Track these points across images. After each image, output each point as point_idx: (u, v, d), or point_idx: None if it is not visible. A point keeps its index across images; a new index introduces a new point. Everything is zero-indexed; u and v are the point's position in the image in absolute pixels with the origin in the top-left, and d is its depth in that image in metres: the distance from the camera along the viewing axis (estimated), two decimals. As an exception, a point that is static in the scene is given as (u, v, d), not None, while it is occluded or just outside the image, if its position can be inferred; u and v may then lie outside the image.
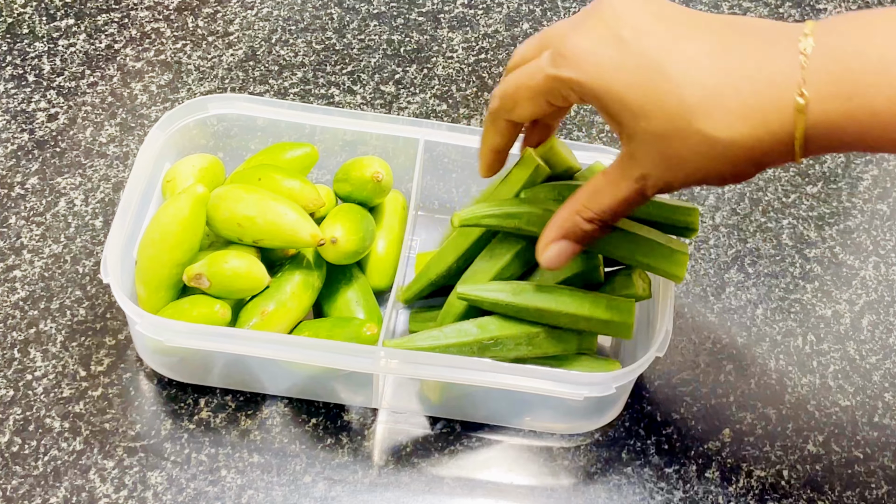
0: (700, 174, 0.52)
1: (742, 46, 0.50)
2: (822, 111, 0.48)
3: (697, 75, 0.50)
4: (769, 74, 0.49)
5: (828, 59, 0.48)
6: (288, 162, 0.73)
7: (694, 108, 0.49)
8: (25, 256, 0.75)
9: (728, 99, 0.49)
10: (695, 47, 0.50)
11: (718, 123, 0.49)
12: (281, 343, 0.63)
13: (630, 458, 0.69)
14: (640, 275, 0.68)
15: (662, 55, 0.50)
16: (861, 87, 0.47)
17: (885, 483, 0.69)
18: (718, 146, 0.49)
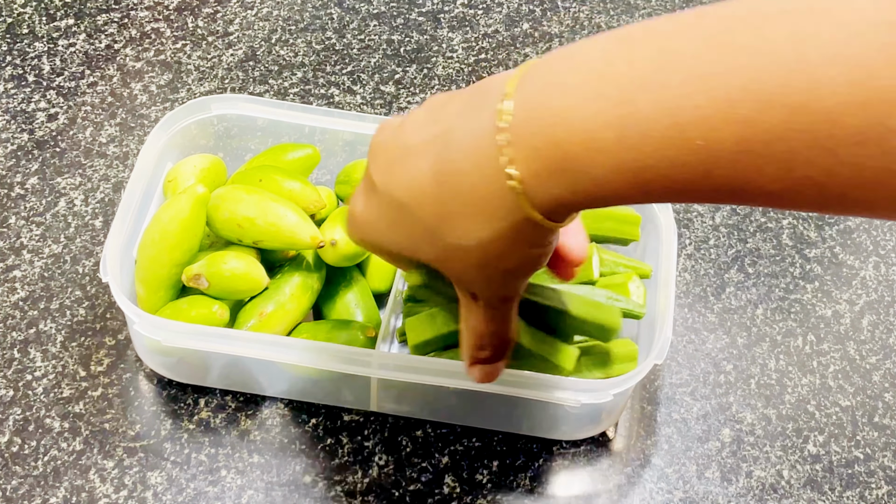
0: (496, 278, 0.49)
1: (449, 141, 0.46)
2: (543, 190, 0.43)
3: (425, 194, 0.47)
4: (478, 162, 0.44)
5: (530, 133, 0.42)
6: (289, 163, 0.73)
7: (435, 228, 0.47)
8: (25, 256, 0.75)
9: (454, 208, 0.45)
10: (414, 161, 0.47)
11: (459, 232, 0.46)
12: (278, 345, 0.63)
13: (630, 458, 0.69)
14: (634, 283, 0.68)
15: (396, 187, 0.48)
16: (571, 159, 0.42)
17: (885, 483, 0.69)
18: (476, 250, 0.47)
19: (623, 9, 0.96)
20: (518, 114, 0.43)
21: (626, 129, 0.40)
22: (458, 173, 0.45)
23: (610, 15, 0.96)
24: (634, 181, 0.41)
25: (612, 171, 0.41)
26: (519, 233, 0.45)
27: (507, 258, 0.47)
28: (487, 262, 0.47)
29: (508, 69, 0.90)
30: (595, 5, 0.96)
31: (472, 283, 0.50)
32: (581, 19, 0.95)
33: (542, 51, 0.92)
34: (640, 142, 0.40)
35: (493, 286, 0.50)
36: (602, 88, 0.41)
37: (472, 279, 0.50)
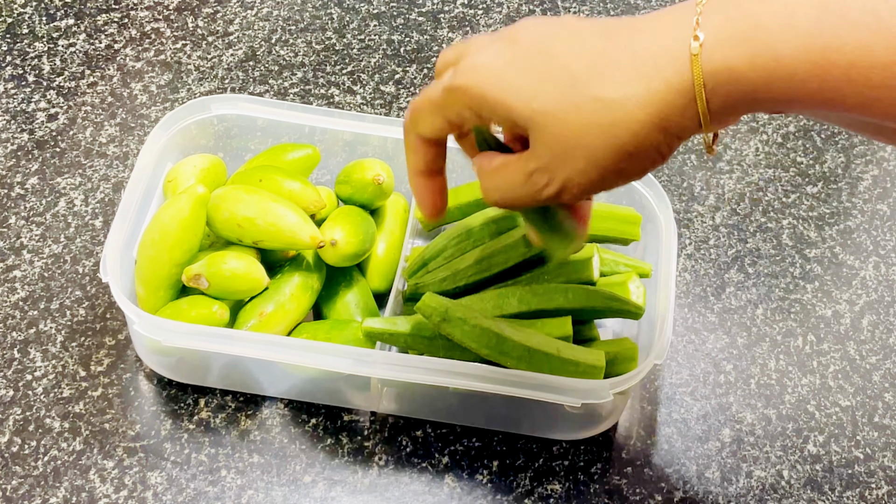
0: (601, 155, 0.47)
1: (636, 19, 0.47)
2: (721, 56, 0.44)
3: (587, 46, 0.47)
4: (663, 30, 0.45)
5: (726, 3, 0.44)
6: (289, 163, 0.73)
7: (583, 76, 0.46)
8: (25, 256, 0.75)
9: (619, 58, 0.46)
10: (589, 26, 0.48)
11: (608, 83, 0.45)
12: (278, 345, 0.63)
13: (630, 458, 0.69)
14: (634, 283, 0.68)
15: (552, 41, 0.48)
16: (762, 30, 0.43)
17: (885, 483, 0.69)
18: (613, 109, 0.45)
19: (623, 9, 0.96)
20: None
21: (826, 10, 0.42)
22: (635, 31, 0.46)
23: (610, 15, 0.96)
24: (816, 62, 0.42)
25: (799, 49, 0.42)
26: (669, 102, 0.45)
27: (633, 130, 0.46)
28: (611, 126, 0.46)
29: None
30: (595, 5, 0.96)
31: (576, 145, 0.47)
32: (581, 19, 0.95)
33: (542, 51, 0.92)
34: (836, 22, 0.42)
35: (587, 169, 0.47)
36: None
37: (581, 140, 0.47)
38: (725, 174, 0.85)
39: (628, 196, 0.73)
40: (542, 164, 0.48)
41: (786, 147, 0.87)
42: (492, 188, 0.52)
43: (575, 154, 0.47)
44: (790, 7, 0.43)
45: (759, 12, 0.43)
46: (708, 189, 0.84)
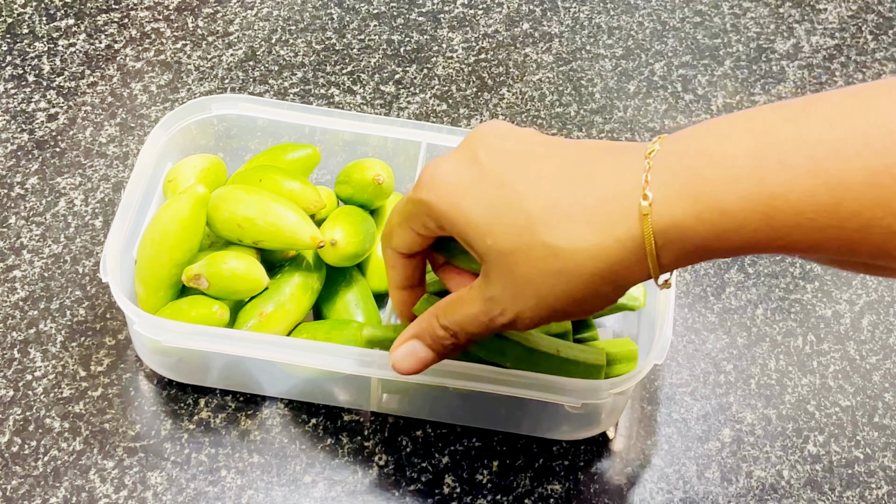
0: (551, 298, 0.49)
1: (591, 163, 0.48)
2: (669, 214, 0.44)
3: (543, 189, 0.48)
4: (614, 183, 0.46)
5: (672, 159, 0.45)
6: (289, 163, 0.73)
7: (536, 220, 0.47)
8: (25, 256, 0.75)
9: (571, 208, 0.47)
10: (547, 165, 0.49)
11: (561, 233, 0.47)
12: (278, 345, 0.63)
13: (630, 458, 0.69)
14: None
15: (511, 173, 0.49)
16: (706, 184, 0.44)
17: (885, 483, 0.69)
18: (563, 258, 0.47)
19: (623, 9, 0.96)
20: (663, 148, 0.46)
21: (764, 159, 0.42)
22: (590, 179, 0.47)
23: (610, 15, 0.96)
24: (762, 211, 0.42)
25: (742, 198, 0.43)
26: (619, 258, 0.46)
27: (582, 279, 0.47)
28: (561, 273, 0.47)
29: (508, 69, 0.90)
30: (595, 5, 0.96)
31: (526, 287, 0.49)
32: (581, 19, 0.95)
33: (541, 51, 0.92)
34: (776, 170, 0.42)
35: (538, 306, 0.49)
36: (745, 125, 0.44)
37: (531, 283, 0.48)
38: (725, 174, 0.85)
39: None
40: (496, 295, 0.50)
41: (786, 147, 0.87)
42: (452, 323, 0.53)
43: (525, 293, 0.49)
44: (730, 159, 0.43)
45: (700, 166, 0.44)
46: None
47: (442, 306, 0.54)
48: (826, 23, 0.97)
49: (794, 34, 0.95)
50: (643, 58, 0.92)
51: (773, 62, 0.93)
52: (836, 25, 0.96)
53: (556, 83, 0.90)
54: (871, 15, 0.98)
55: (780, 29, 0.96)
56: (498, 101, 0.88)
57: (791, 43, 0.95)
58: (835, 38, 0.95)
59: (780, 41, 0.95)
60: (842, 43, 0.95)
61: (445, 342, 0.54)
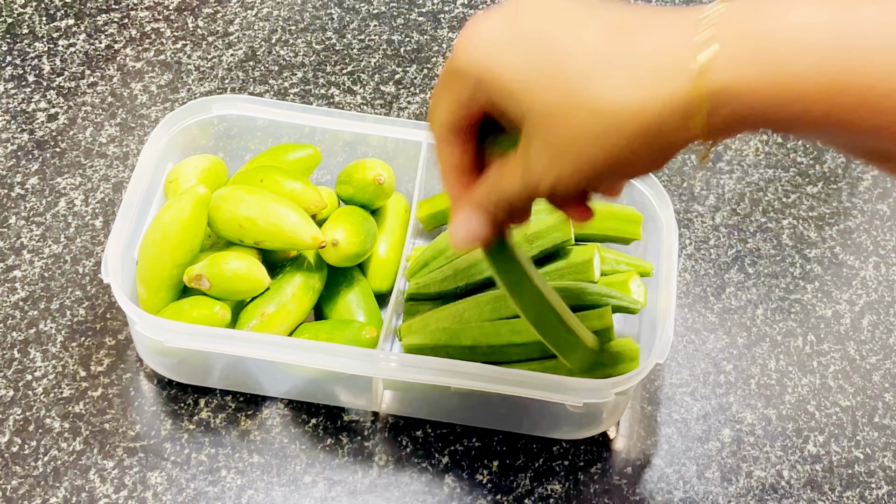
0: (591, 159, 0.45)
1: (642, 18, 0.45)
2: (728, 75, 0.41)
3: (587, 43, 0.44)
4: (666, 36, 0.43)
5: (737, 17, 0.42)
6: (290, 163, 0.73)
7: (580, 74, 0.44)
8: (25, 256, 0.75)
9: (616, 63, 0.43)
10: (594, 21, 0.45)
11: (605, 88, 0.44)
12: (280, 345, 0.63)
13: (630, 458, 0.69)
14: (635, 282, 0.68)
15: (555, 29, 0.46)
16: (773, 49, 0.41)
17: (885, 483, 0.69)
18: (606, 115, 0.44)
19: (623, 9, 0.96)
20: (728, 7, 0.42)
21: (843, 30, 0.40)
22: (639, 32, 0.44)
23: None
24: (831, 86, 0.40)
25: (812, 70, 0.40)
26: (666, 119, 0.43)
27: (626, 137, 0.44)
28: (603, 132, 0.44)
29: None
30: (595, 5, 0.96)
31: (566, 149, 0.46)
32: (581, 19, 0.95)
33: (541, 51, 0.92)
34: (853, 45, 0.40)
35: (577, 169, 0.46)
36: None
37: (571, 145, 0.45)
38: (725, 174, 0.85)
39: (629, 195, 0.73)
40: (534, 159, 0.47)
41: (786, 147, 0.87)
42: (497, 197, 0.51)
43: (564, 156, 0.46)
44: (805, 27, 0.41)
45: (771, 30, 0.41)
46: (708, 189, 0.84)
47: (488, 184, 0.51)
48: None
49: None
50: (643, 58, 0.92)
51: (772, 62, 0.93)
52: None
53: (556, 83, 0.90)
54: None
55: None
56: (498, 102, 0.88)
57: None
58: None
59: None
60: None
61: (499, 215, 0.52)
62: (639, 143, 0.44)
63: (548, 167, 0.47)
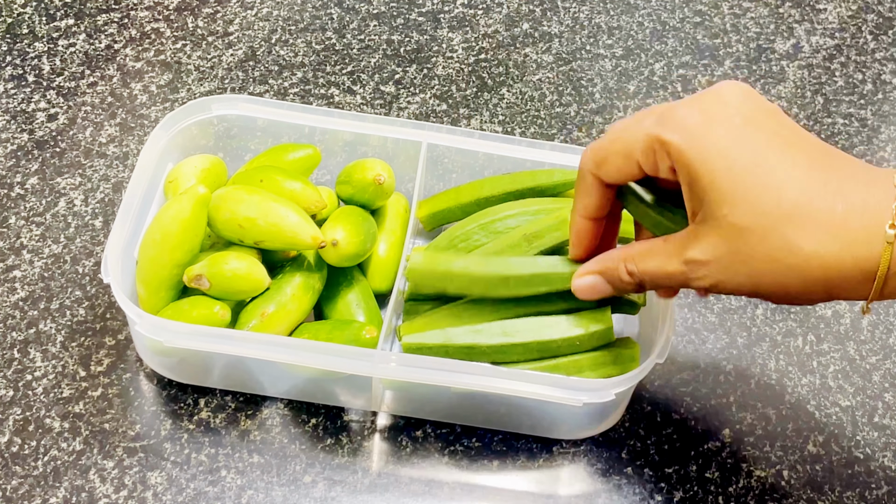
0: (764, 284, 0.50)
1: (841, 169, 0.50)
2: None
3: (800, 181, 0.49)
4: (864, 201, 0.48)
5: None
6: (290, 163, 0.73)
7: (788, 213, 0.48)
8: (25, 256, 0.75)
9: (822, 213, 0.48)
10: (800, 157, 0.50)
11: (806, 234, 0.48)
12: (280, 345, 0.63)
13: (630, 458, 0.69)
14: None
15: (770, 153, 0.49)
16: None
17: (885, 483, 0.69)
18: (798, 257, 0.49)
19: (623, 9, 0.96)
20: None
21: None
22: (841, 193, 0.49)
23: (610, 15, 0.96)
24: None
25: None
26: (848, 275, 0.48)
27: (804, 278, 0.49)
28: (787, 267, 0.49)
29: (508, 69, 0.90)
30: (595, 5, 0.96)
31: (747, 263, 0.50)
32: (581, 19, 0.95)
33: (541, 51, 0.92)
34: None
35: (742, 283, 0.51)
36: None
37: (755, 263, 0.50)
38: (725, 174, 0.85)
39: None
40: (704, 259, 0.51)
41: (785, 147, 0.87)
42: (641, 272, 0.55)
43: (740, 269, 0.50)
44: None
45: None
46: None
47: (633, 253, 0.55)
48: (826, 23, 0.97)
49: (794, 34, 0.96)
50: (643, 58, 0.93)
51: (773, 62, 0.93)
52: (836, 25, 0.96)
53: (556, 83, 0.90)
54: (871, 15, 0.98)
55: (780, 29, 0.96)
56: (498, 101, 0.88)
57: (791, 43, 0.95)
58: (835, 38, 0.95)
59: (780, 41, 0.95)
60: (842, 43, 0.95)
61: (626, 285, 0.57)
62: (815, 285, 0.49)
63: (717, 272, 0.51)
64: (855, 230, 0.48)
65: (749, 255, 0.50)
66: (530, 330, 0.65)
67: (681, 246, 0.52)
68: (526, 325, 0.65)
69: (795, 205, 0.48)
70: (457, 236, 0.71)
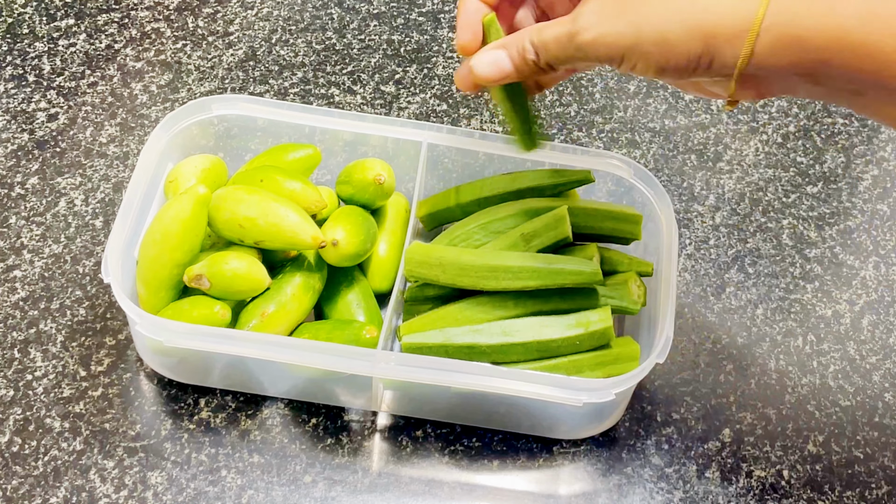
0: (642, 29, 0.51)
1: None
2: (786, 13, 0.48)
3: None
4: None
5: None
6: (290, 163, 0.73)
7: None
8: (25, 256, 0.75)
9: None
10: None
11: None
12: (280, 345, 0.63)
13: (630, 458, 0.69)
14: (635, 282, 0.68)
15: None
16: (811, 7, 0.48)
17: (885, 483, 0.69)
18: (675, 2, 0.50)
19: (623, 9, 0.96)
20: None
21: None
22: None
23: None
24: (872, 34, 0.47)
25: (840, 26, 0.47)
26: (726, 22, 0.49)
27: (685, 25, 0.50)
28: (666, 10, 0.50)
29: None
30: None
31: (621, 12, 0.52)
32: (581, 19, 0.95)
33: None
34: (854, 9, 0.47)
35: (619, 37, 0.52)
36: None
37: (627, 9, 0.51)
38: (725, 174, 0.85)
39: (629, 196, 0.73)
40: (587, 11, 0.53)
41: (786, 147, 0.87)
42: (538, 40, 0.56)
43: (619, 16, 0.52)
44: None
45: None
46: (708, 189, 0.84)
47: (536, 27, 0.57)
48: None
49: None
50: (643, 58, 0.92)
51: (772, 62, 0.93)
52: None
53: (556, 83, 0.90)
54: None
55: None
56: (498, 102, 0.88)
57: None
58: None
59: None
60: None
61: (528, 56, 0.57)
62: (693, 35, 0.50)
63: (596, 21, 0.52)
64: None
65: (631, 4, 0.51)
66: (530, 330, 0.65)
67: (573, 13, 0.54)
68: (526, 325, 0.65)
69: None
70: (456, 236, 0.71)
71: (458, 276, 0.66)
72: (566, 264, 0.64)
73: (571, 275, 0.64)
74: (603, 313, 0.65)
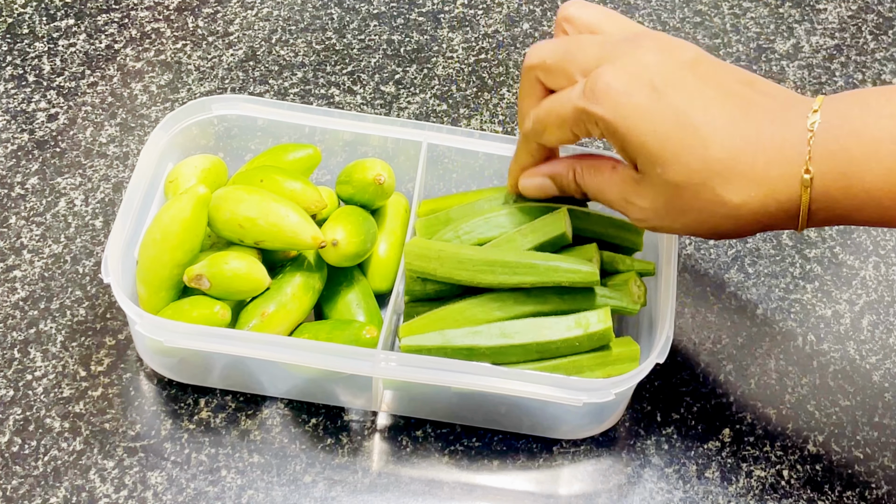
0: (696, 226, 0.57)
1: (760, 114, 0.55)
2: (823, 187, 0.53)
3: (722, 138, 0.54)
4: (781, 147, 0.54)
5: (829, 137, 0.53)
6: (290, 163, 0.73)
7: (715, 169, 0.54)
8: (25, 256, 0.75)
9: (745, 166, 0.54)
10: (720, 111, 0.55)
11: (733, 187, 0.54)
12: (280, 345, 0.63)
13: (630, 458, 0.69)
14: (636, 282, 0.68)
15: (691, 112, 0.55)
16: (856, 166, 0.52)
17: (885, 483, 0.69)
18: (729, 207, 0.55)
19: (623, 9, 0.96)
20: (822, 122, 0.53)
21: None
22: (760, 142, 0.54)
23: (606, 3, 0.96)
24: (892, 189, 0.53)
25: (881, 177, 0.52)
26: (776, 216, 0.55)
27: (736, 222, 0.56)
28: (719, 215, 0.56)
29: (508, 69, 0.90)
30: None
31: (677, 215, 0.57)
32: (581, 19, 0.95)
33: (541, 51, 0.92)
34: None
35: (680, 228, 0.58)
36: (892, 108, 0.53)
37: (683, 214, 0.57)
38: (725, 174, 0.85)
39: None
40: (642, 204, 0.58)
41: (785, 147, 0.87)
42: (587, 186, 0.63)
43: (675, 217, 0.57)
44: (876, 142, 0.52)
45: (852, 146, 0.53)
46: (708, 189, 0.84)
47: (583, 164, 0.63)
48: (826, 23, 0.97)
49: (794, 34, 0.96)
50: (643, 58, 0.92)
51: (773, 62, 0.93)
52: (836, 25, 0.96)
53: (556, 83, 0.90)
54: (871, 15, 0.98)
55: (780, 29, 0.96)
56: (498, 101, 0.88)
57: (791, 43, 0.95)
58: (835, 38, 0.95)
59: (780, 41, 0.95)
60: (842, 43, 0.95)
61: (573, 191, 0.64)
62: (747, 228, 0.56)
63: (651, 215, 0.58)
64: (775, 179, 0.54)
65: (684, 208, 0.56)
66: (529, 331, 0.65)
67: (623, 184, 0.59)
68: (525, 326, 0.65)
69: (721, 162, 0.54)
70: (458, 228, 0.71)
71: (456, 269, 0.66)
72: (563, 262, 0.64)
73: (568, 273, 0.64)
74: (602, 314, 0.65)
